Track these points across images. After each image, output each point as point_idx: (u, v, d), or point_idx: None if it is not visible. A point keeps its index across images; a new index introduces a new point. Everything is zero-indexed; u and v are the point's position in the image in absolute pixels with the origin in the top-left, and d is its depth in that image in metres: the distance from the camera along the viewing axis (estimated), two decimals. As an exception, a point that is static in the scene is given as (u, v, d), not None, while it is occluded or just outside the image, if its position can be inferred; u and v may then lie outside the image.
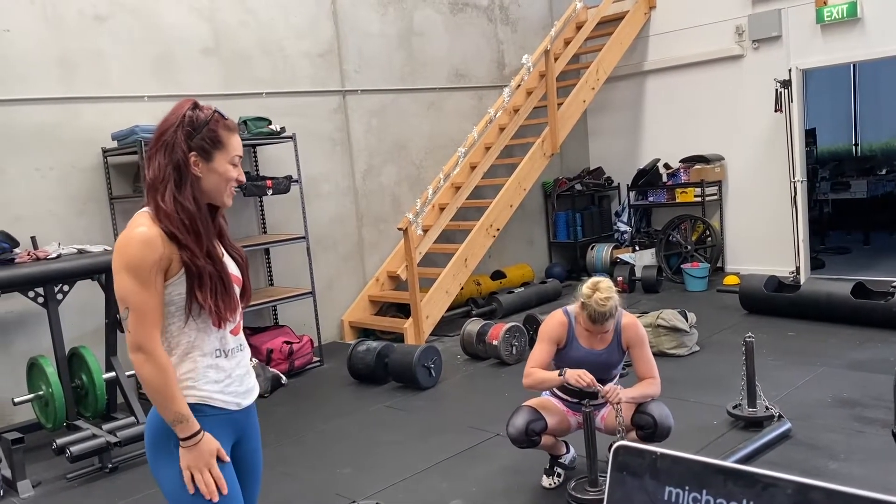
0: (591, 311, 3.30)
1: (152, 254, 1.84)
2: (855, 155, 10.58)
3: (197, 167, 1.92)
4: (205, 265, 1.89)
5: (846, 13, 6.98)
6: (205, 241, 1.91)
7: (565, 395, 3.57)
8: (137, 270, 1.82)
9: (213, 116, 1.95)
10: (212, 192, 1.96)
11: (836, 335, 5.57)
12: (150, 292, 1.84)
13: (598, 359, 3.47)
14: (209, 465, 1.90)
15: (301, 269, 6.33)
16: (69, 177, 5.48)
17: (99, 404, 4.72)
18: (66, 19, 5.44)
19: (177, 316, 1.92)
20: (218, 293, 1.92)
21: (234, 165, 1.98)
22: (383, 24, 7.32)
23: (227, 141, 1.95)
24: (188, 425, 1.87)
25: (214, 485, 1.90)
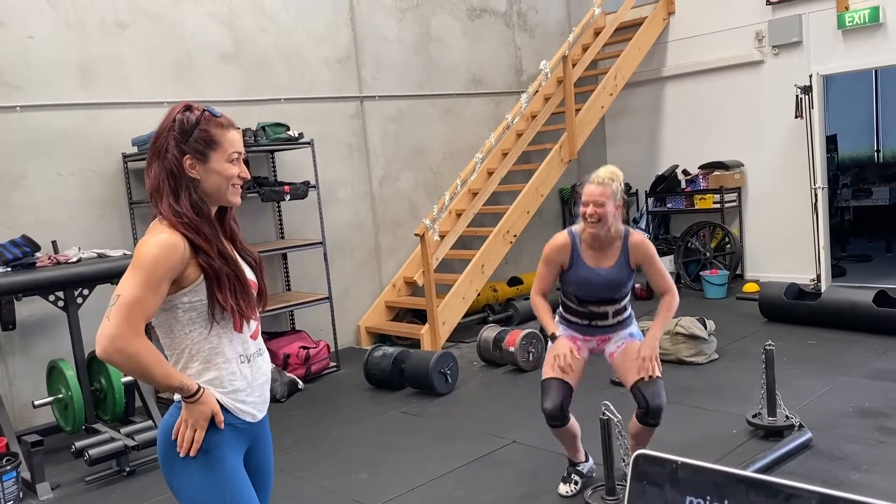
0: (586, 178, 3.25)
1: (169, 259, 1.82)
2: (877, 161, 10.45)
3: (194, 170, 1.90)
4: (221, 266, 1.88)
5: (868, 18, 6.90)
6: (214, 243, 1.90)
7: (574, 317, 3.48)
8: (149, 270, 1.80)
9: (203, 116, 1.92)
10: (215, 193, 1.94)
11: (858, 344, 5.49)
12: (152, 293, 1.80)
13: (605, 278, 3.34)
14: (198, 426, 1.90)
15: (318, 275, 6.35)
16: (90, 182, 5.53)
17: (117, 408, 4.75)
18: (87, 26, 5.50)
19: (198, 323, 1.91)
20: (237, 292, 1.91)
21: (232, 162, 1.93)
22: (401, 30, 7.34)
23: (222, 138, 1.92)
24: (184, 390, 1.88)
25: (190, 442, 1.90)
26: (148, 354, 1.80)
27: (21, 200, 5.23)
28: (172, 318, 1.92)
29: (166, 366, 1.86)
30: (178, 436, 1.91)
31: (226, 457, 1.94)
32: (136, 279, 1.80)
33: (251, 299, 1.96)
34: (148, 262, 1.80)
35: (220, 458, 1.94)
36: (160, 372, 1.83)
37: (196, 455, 1.91)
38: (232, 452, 1.96)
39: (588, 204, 3.23)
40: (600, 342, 3.52)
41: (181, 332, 1.93)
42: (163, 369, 1.84)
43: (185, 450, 1.90)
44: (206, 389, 1.91)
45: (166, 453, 1.96)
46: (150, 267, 1.80)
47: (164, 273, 1.81)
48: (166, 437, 1.96)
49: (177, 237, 1.85)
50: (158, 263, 1.81)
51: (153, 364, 1.81)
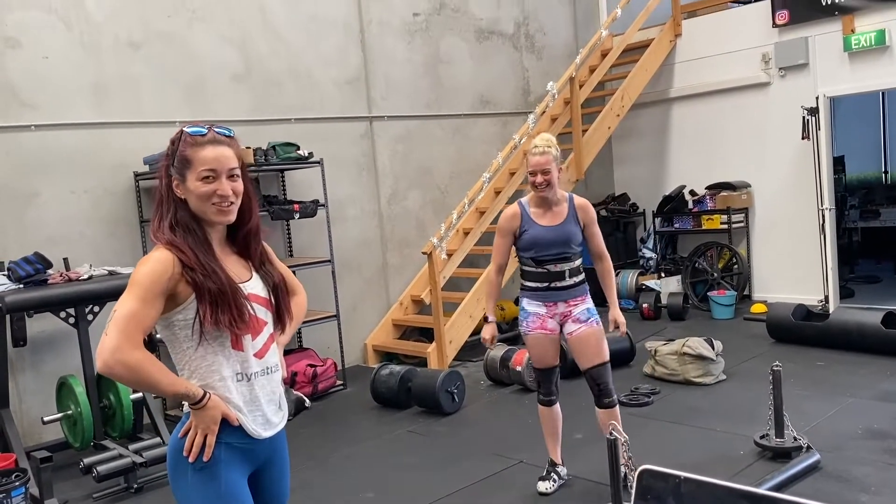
0: (529, 146, 3.64)
1: (160, 273, 1.86)
2: (885, 183, 10.44)
3: (178, 190, 1.96)
4: (203, 282, 1.89)
5: (874, 41, 6.94)
6: (197, 257, 1.90)
7: (534, 281, 3.74)
8: (142, 285, 1.84)
9: (182, 137, 1.96)
10: (199, 212, 1.96)
11: (867, 366, 5.47)
12: (147, 307, 1.84)
13: (557, 233, 3.68)
14: (207, 430, 1.92)
15: (326, 293, 6.38)
16: (101, 200, 5.60)
17: (126, 424, 4.77)
18: (101, 46, 5.59)
19: (194, 340, 1.93)
20: (217, 307, 1.90)
21: (204, 180, 1.92)
22: (410, 51, 7.42)
23: (193, 157, 1.93)
24: (190, 396, 1.90)
25: (200, 447, 1.92)
26: (149, 364, 1.83)
27: (34, 218, 5.29)
28: (172, 336, 1.96)
29: (170, 374, 1.89)
30: (186, 443, 1.93)
31: (222, 475, 1.94)
32: (131, 294, 1.85)
33: (237, 312, 1.93)
34: (140, 277, 1.86)
35: (216, 475, 1.94)
36: (165, 380, 1.86)
37: (208, 458, 1.92)
38: (230, 471, 1.96)
39: (536, 173, 3.61)
40: (564, 315, 3.75)
41: (179, 349, 1.96)
42: (167, 377, 1.87)
43: (194, 454, 1.92)
44: (212, 394, 1.93)
45: (172, 465, 1.98)
46: (143, 282, 1.85)
47: (156, 287, 1.85)
48: (172, 450, 1.98)
49: (166, 254, 1.90)
50: (150, 278, 1.86)
51: (155, 373, 1.84)
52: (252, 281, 2.05)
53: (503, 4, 8.22)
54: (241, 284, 1.99)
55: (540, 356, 3.79)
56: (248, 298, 1.98)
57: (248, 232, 2.06)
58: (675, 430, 4.59)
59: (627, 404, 5.13)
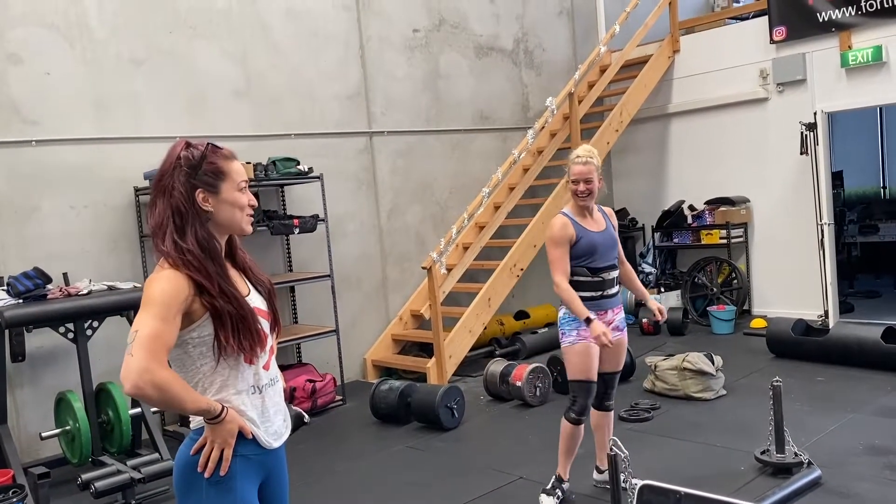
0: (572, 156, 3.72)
1: (178, 292, 1.86)
2: (883, 198, 10.47)
3: (207, 203, 1.94)
4: (223, 305, 1.90)
5: (871, 57, 6.99)
6: (216, 280, 1.91)
7: (588, 291, 3.71)
8: (162, 303, 1.83)
9: (209, 149, 1.97)
10: (229, 223, 1.99)
11: (867, 381, 5.46)
12: (169, 325, 1.83)
13: (606, 238, 3.75)
14: (225, 444, 1.92)
15: (325, 308, 6.37)
16: (102, 215, 5.61)
17: (124, 440, 4.75)
18: (103, 63, 5.62)
19: (208, 356, 1.94)
20: (240, 332, 1.92)
21: (241, 191, 1.99)
22: (410, 67, 7.46)
23: (228, 169, 1.97)
24: (211, 412, 1.90)
25: (217, 462, 1.91)
26: (176, 383, 1.83)
27: (34, 233, 5.30)
28: (184, 354, 1.95)
29: (193, 391, 1.89)
30: (202, 458, 1.92)
31: (237, 488, 1.95)
32: (152, 313, 1.83)
33: (257, 336, 1.96)
34: (159, 295, 1.85)
35: (232, 489, 1.95)
36: (189, 398, 1.86)
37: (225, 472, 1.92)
38: (244, 483, 1.97)
39: (578, 182, 3.70)
40: (609, 323, 3.78)
41: (192, 367, 1.95)
42: (191, 395, 1.87)
43: (210, 470, 1.92)
44: (230, 408, 1.94)
45: (184, 481, 1.97)
46: (163, 300, 1.84)
47: (176, 305, 1.85)
48: (182, 465, 1.97)
49: (180, 275, 1.88)
50: (170, 295, 1.85)
51: (181, 391, 1.84)
52: (252, 294, 2.07)
53: (502, 21, 8.28)
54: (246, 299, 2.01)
55: (588, 367, 3.72)
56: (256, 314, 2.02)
57: (238, 244, 2.11)
58: (676, 445, 4.57)
59: (628, 419, 5.12)
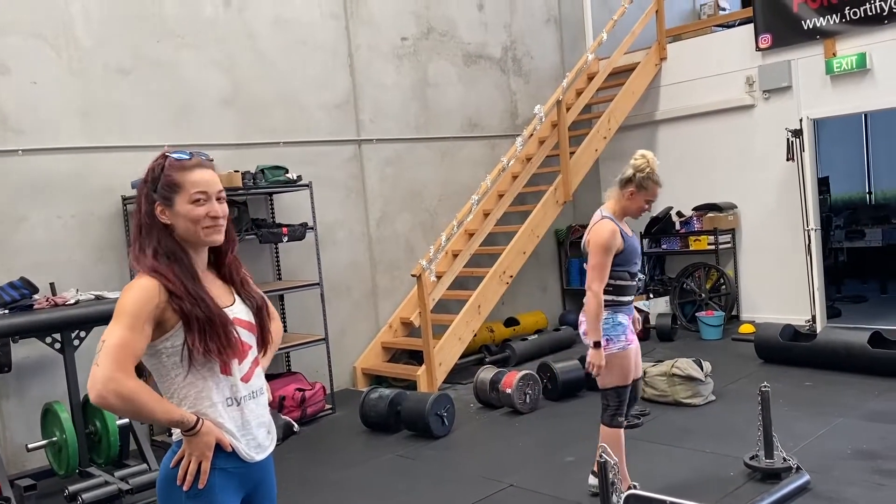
0: (656, 176, 3.70)
1: (148, 300, 1.86)
2: (869, 203, 10.57)
3: (164, 216, 1.95)
4: (190, 308, 1.89)
5: (855, 65, 7.06)
6: (184, 286, 1.90)
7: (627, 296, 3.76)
8: (130, 313, 1.84)
9: (167, 162, 1.98)
10: (187, 236, 1.96)
11: (854, 385, 5.50)
12: (137, 335, 1.84)
13: (637, 242, 3.81)
14: (202, 457, 1.91)
15: (315, 316, 6.36)
16: (89, 224, 5.58)
17: (112, 451, 4.71)
18: (90, 72, 5.60)
19: (182, 367, 1.93)
20: (206, 335, 1.90)
21: (196, 203, 1.94)
22: (398, 75, 7.48)
23: (183, 181, 1.95)
24: (185, 423, 1.89)
25: (194, 475, 1.90)
26: (143, 393, 1.82)
27: (20, 242, 5.26)
28: (159, 364, 1.95)
29: (165, 402, 1.88)
30: (180, 471, 1.91)
31: (216, 502, 1.94)
32: (120, 323, 1.84)
33: (227, 341, 1.94)
34: (128, 305, 1.86)
35: (211, 502, 1.93)
36: (160, 408, 1.85)
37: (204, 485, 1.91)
38: (224, 496, 1.95)
39: (650, 201, 3.78)
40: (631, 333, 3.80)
41: (167, 377, 1.95)
42: (161, 405, 1.86)
43: (189, 482, 1.90)
44: (206, 420, 1.92)
45: (164, 494, 1.96)
46: (130, 310, 1.85)
47: (145, 314, 1.85)
48: (163, 478, 1.96)
49: (151, 281, 1.90)
50: (137, 306, 1.85)
51: (150, 401, 1.83)
52: (236, 305, 2.06)
53: (490, 29, 8.31)
54: (226, 309, 2.00)
55: (630, 372, 3.75)
56: (234, 323, 1.99)
57: (228, 255, 2.09)
58: (665, 451, 4.58)
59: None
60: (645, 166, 3.69)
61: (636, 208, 3.75)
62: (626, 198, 3.73)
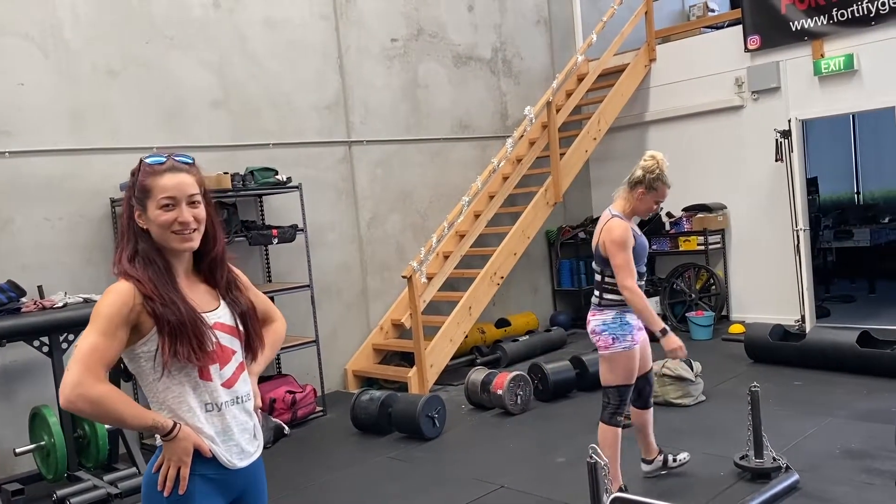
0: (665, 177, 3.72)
1: (121, 304, 1.85)
2: (857, 203, 10.63)
3: (141, 220, 1.95)
4: (162, 311, 1.87)
5: (843, 66, 7.10)
6: (156, 288, 1.88)
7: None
8: (103, 317, 1.83)
9: (141, 167, 1.96)
10: (161, 241, 1.94)
11: (843, 385, 5.53)
12: (109, 339, 1.83)
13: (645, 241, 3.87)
14: (180, 462, 1.89)
15: (305, 318, 6.34)
16: (77, 226, 5.54)
17: (101, 455, 4.68)
18: (79, 74, 5.57)
19: (156, 371, 1.91)
20: (177, 338, 1.87)
21: (164, 208, 1.91)
22: (389, 76, 7.47)
23: (153, 186, 1.92)
24: (160, 428, 1.87)
25: (174, 480, 1.89)
26: (113, 397, 1.81)
27: (8, 245, 5.22)
28: (138, 368, 1.94)
29: (136, 407, 1.86)
30: (160, 477, 1.90)
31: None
32: (92, 328, 1.84)
33: (198, 344, 1.90)
34: (101, 310, 1.85)
35: None
36: (130, 413, 1.84)
37: (184, 491, 1.89)
38: (205, 502, 1.93)
39: (659, 202, 3.82)
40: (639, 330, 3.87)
41: (146, 381, 1.94)
42: (133, 410, 1.85)
43: (168, 488, 1.89)
44: (183, 425, 1.91)
45: (146, 500, 1.95)
46: (104, 315, 1.84)
47: (117, 319, 1.84)
48: (146, 483, 1.95)
49: (126, 285, 1.89)
50: (110, 310, 1.84)
51: (120, 406, 1.82)
52: (219, 310, 2.02)
53: (480, 30, 8.32)
54: (207, 314, 1.97)
55: (634, 371, 3.83)
56: (213, 328, 1.96)
57: (213, 259, 2.05)
58: (656, 452, 4.58)
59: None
60: (654, 167, 3.72)
61: (645, 209, 3.80)
62: (636, 198, 3.76)
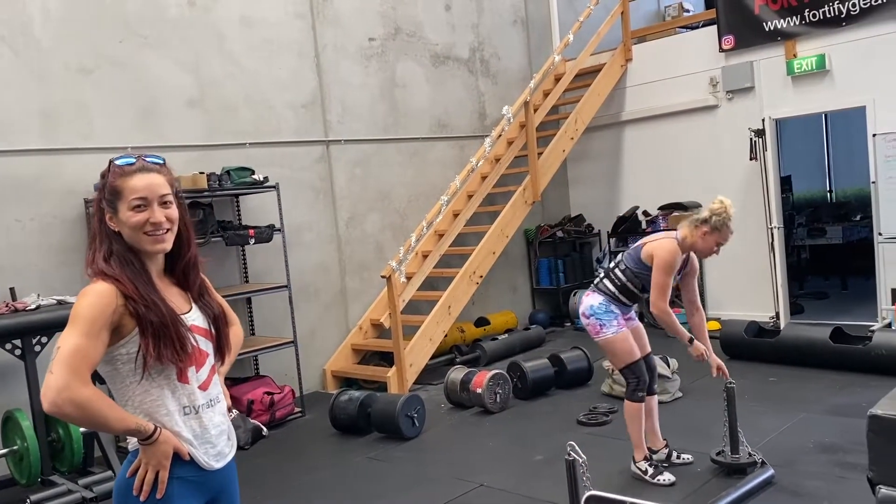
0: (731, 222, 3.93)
1: (104, 305, 1.82)
2: (830, 201, 10.79)
3: (113, 223, 1.92)
4: (145, 312, 1.85)
5: (815, 65, 7.20)
6: (137, 289, 1.86)
7: (628, 300, 4.10)
8: (86, 318, 1.79)
9: (110, 168, 1.94)
10: (133, 243, 1.92)
11: (817, 380, 5.61)
12: (93, 341, 1.79)
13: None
14: (160, 466, 1.87)
15: (283, 319, 6.30)
16: (50, 227, 5.46)
17: (75, 459, 4.62)
18: (50, 72, 5.49)
19: (138, 374, 1.88)
20: (160, 341, 1.86)
21: (135, 210, 1.89)
22: (366, 75, 7.45)
23: (123, 187, 1.90)
24: (142, 432, 1.85)
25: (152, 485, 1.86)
26: (98, 401, 1.78)
27: (-22, 247, 5.14)
28: (114, 371, 1.90)
29: (119, 410, 1.84)
30: (136, 481, 1.87)
31: None
32: (75, 329, 1.79)
33: (181, 346, 1.89)
34: (84, 310, 1.81)
35: None
36: (114, 416, 1.81)
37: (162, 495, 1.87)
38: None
39: (721, 244, 3.98)
40: (630, 317, 4.19)
41: (122, 385, 1.91)
42: (116, 413, 1.82)
43: (146, 493, 1.86)
44: (163, 428, 1.88)
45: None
46: (86, 316, 1.80)
47: (101, 320, 1.81)
48: (119, 489, 1.92)
49: (106, 285, 1.85)
50: (94, 311, 1.81)
51: (105, 410, 1.79)
52: (192, 312, 2.01)
53: (458, 30, 8.32)
54: (182, 316, 1.95)
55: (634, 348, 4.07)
56: (191, 330, 1.95)
57: (186, 262, 2.03)
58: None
59: (586, 423, 5.17)
60: (722, 211, 3.91)
61: (706, 248, 3.95)
62: (700, 236, 3.93)
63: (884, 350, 5.50)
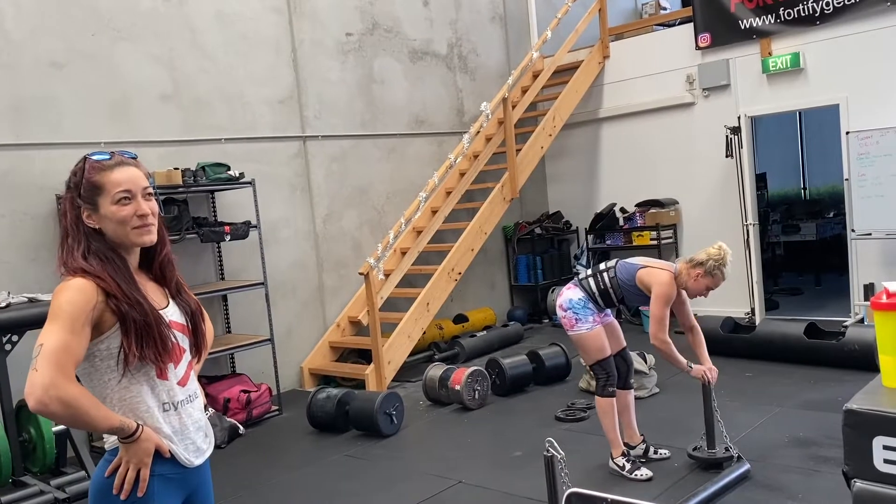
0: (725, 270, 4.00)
1: (86, 301, 1.79)
2: (804, 198, 10.93)
3: (91, 220, 1.89)
4: (127, 309, 1.83)
5: (790, 64, 7.28)
6: (119, 287, 1.84)
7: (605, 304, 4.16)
8: (69, 314, 1.76)
9: (86, 164, 1.90)
10: (117, 238, 1.89)
11: (792, 375, 5.67)
12: (77, 337, 1.76)
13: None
14: (141, 464, 1.85)
15: (260, 316, 6.25)
16: (21, 224, 5.36)
17: (48, 459, 4.55)
18: (21, 66, 5.38)
19: (117, 371, 1.86)
20: (143, 339, 1.84)
21: (119, 203, 1.87)
22: (343, 71, 7.40)
23: (104, 182, 1.87)
24: (124, 430, 1.82)
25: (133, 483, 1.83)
26: (85, 399, 1.75)
27: (-54, 244, 5.03)
28: (91, 367, 1.87)
29: (103, 408, 1.81)
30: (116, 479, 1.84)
31: None
32: (58, 325, 1.76)
33: (162, 344, 1.88)
34: (65, 306, 1.77)
35: None
36: (100, 415, 1.78)
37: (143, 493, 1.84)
38: (163, 502, 1.90)
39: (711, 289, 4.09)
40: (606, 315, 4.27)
41: (100, 381, 1.88)
42: (102, 412, 1.80)
43: (127, 491, 1.84)
44: (145, 426, 1.86)
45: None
46: (69, 311, 1.77)
47: (84, 316, 1.78)
48: (97, 489, 1.89)
49: (86, 281, 1.82)
50: (77, 306, 1.78)
51: (91, 408, 1.76)
52: (170, 308, 2.00)
53: (436, 25, 8.29)
54: (161, 311, 1.94)
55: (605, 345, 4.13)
56: (170, 326, 1.94)
57: (163, 259, 2.02)
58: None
59: (564, 419, 5.18)
60: (720, 258, 3.98)
61: (696, 289, 4.03)
62: (692, 278, 4.01)
63: (857, 345, 5.58)
